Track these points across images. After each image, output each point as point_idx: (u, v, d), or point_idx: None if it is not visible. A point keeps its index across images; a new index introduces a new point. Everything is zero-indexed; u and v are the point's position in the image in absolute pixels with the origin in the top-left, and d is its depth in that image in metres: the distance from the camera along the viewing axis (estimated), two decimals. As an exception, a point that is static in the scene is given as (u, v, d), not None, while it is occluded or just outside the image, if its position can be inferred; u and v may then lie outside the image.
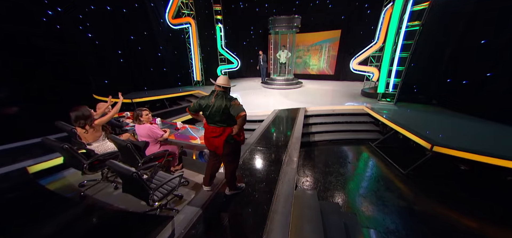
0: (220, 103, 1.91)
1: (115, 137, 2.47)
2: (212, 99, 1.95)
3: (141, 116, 2.81)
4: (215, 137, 2.00)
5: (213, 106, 1.93)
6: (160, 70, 7.92)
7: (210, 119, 1.99)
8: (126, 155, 2.40)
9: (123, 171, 1.65)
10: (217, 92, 1.97)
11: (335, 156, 4.58)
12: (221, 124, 1.97)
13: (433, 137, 3.65)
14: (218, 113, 1.92)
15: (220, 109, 1.91)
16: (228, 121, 1.97)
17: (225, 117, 1.94)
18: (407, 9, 5.15)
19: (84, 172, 2.33)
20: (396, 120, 4.58)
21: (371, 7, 8.23)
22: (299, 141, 3.78)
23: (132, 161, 2.40)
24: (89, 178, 2.81)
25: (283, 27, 8.15)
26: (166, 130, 3.25)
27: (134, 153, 2.36)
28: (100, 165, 2.50)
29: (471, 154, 3.09)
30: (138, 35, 7.04)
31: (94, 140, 2.61)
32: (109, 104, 3.21)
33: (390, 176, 3.76)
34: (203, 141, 2.24)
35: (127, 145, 2.27)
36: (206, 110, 1.99)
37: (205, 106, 1.98)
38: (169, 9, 7.20)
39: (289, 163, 3.06)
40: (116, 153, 2.59)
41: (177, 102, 7.81)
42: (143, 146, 2.62)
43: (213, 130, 2.01)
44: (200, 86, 8.99)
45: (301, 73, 10.57)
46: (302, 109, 5.68)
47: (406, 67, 5.33)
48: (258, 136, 4.09)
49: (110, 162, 1.69)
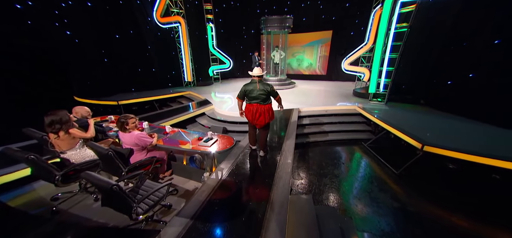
0: (264, 87, 2.76)
1: (94, 144, 2.24)
2: (257, 85, 2.76)
3: (126, 125, 2.58)
4: (261, 112, 2.83)
5: (259, 90, 2.75)
6: (149, 70, 7.62)
7: (256, 99, 2.79)
8: (108, 164, 2.20)
9: (101, 183, 1.48)
10: (258, 80, 2.78)
11: (329, 157, 4.56)
12: (265, 102, 2.82)
13: (423, 136, 3.70)
14: (263, 94, 2.75)
15: (265, 91, 2.75)
16: (268, 99, 2.85)
17: (266, 97, 2.80)
18: (395, 11, 5.25)
19: (56, 184, 2.09)
20: (387, 119, 4.64)
21: (360, 8, 8.36)
22: (293, 143, 3.71)
23: (115, 170, 2.21)
24: (65, 189, 2.49)
25: (275, 27, 8.11)
26: (154, 135, 3.07)
27: (117, 161, 2.17)
28: (76, 176, 2.25)
29: (459, 153, 3.16)
30: (124, 34, 6.73)
31: (69, 148, 2.35)
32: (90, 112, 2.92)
33: (383, 176, 3.78)
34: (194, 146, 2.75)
35: (108, 153, 2.07)
36: (251, 93, 2.78)
37: (250, 91, 2.79)
38: (157, 7, 6.92)
39: (283, 166, 2.97)
40: (96, 161, 2.37)
41: (167, 104, 7.54)
42: (127, 153, 2.43)
43: (258, 107, 2.82)
44: (191, 87, 8.75)
45: (293, 74, 10.58)
46: (296, 110, 5.64)
47: (395, 68, 5.44)
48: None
49: (86, 174, 1.51)
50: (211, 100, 6.95)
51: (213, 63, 9.51)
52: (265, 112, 2.84)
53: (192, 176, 3.33)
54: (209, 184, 2.60)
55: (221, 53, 9.23)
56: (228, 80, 10.74)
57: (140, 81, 7.42)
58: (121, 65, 6.91)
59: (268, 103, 2.86)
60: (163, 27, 7.38)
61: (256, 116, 2.86)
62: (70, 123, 2.29)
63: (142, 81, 7.48)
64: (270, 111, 2.92)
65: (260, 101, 2.80)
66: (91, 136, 2.53)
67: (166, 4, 6.95)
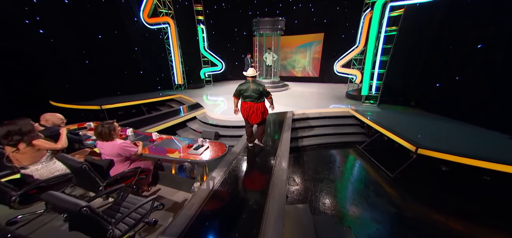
0: (256, 87, 2.98)
1: (65, 156, 1.95)
2: (250, 85, 2.98)
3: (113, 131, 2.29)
4: (255, 109, 3.07)
5: (252, 90, 2.98)
6: (136, 73, 7.26)
7: (249, 98, 3.02)
8: (83, 178, 1.95)
9: (67, 205, 1.26)
10: (252, 81, 2.98)
11: (324, 161, 4.48)
12: (258, 100, 3.05)
13: (416, 139, 3.71)
14: (256, 93, 2.98)
15: (258, 91, 2.98)
16: (261, 98, 3.05)
17: (259, 96, 3.01)
18: (385, 15, 5.32)
19: (11, 206, 1.73)
20: (380, 122, 4.63)
21: (350, 12, 8.48)
22: (288, 148, 3.58)
23: (91, 185, 1.96)
24: (26, 211, 2.05)
25: (268, 29, 8.04)
26: (139, 143, 2.83)
27: (93, 174, 1.92)
28: (39, 195, 1.89)
29: (451, 156, 3.16)
30: (108, 34, 6.34)
31: (32, 162, 2.02)
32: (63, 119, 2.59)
33: (379, 180, 3.73)
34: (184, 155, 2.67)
35: (82, 167, 1.82)
36: (245, 92, 3.02)
37: (244, 90, 3.02)
38: (143, 7, 6.62)
39: (278, 173, 2.83)
40: (67, 176, 2.09)
41: (156, 108, 7.21)
42: (107, 165, 2.18)
43: (251, 105, 3.07)
44: (182, 90, 8.45)
45: (286, 76, 10.55)
46: (290, 113, 5.54)
47: (386, 71, 5.50)
48: (245, 144, 3.82)
49: (47, 195, 1.28)
50: (203, 103, 6.72)
51: (205, 65, 9.27)
52: (258, 110, 3.10)
53: (182, 186, 3.11)
54: (200, 195, 2.40)
55: (212, 55, 9.02)
56: (220, 83, 10.52)
57: (126, 84, 7.04)
58: (104, 67, 6.48)
59: (261, 101, 3.12)
60: (151, 28, 7.07)
61: (249, 113, 3.12)
62: (34, 133, 1.96)
63: (128, 84, 7.10)
64: (263, 108, 3.16)
65: (253, 100, 3.06)
66: (62, 147, 2.22)
67: (153, 4, 6.67)
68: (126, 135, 3.21)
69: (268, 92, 3.11)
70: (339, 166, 4.38)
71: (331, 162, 4.53)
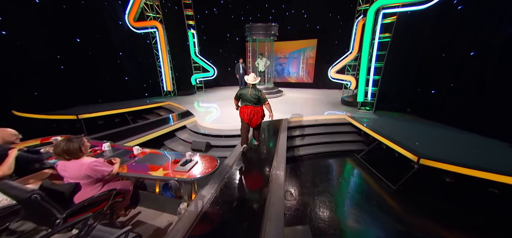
0: (255, 92, 3.15)
1: (8, 183, 1.53)
2: (249, 90, 3.17)
3: (82, 146, 1.92)
4: (255, 113, 3.26)
5: (251, 94, 3.16)
6: (121, 79, 6.80)
7: (248, 102, 3.21)
8: (33, 211, 1.56)
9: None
10: (251, 86, 3.19)
11: (322, 172, 4.24)
12: (256, 105, 3.24)
13: (417, 147, 3.55)
14: (254, 98, 3.16)
15: (256, 96, 3.16)
16: (259, 103, 3.25)
17: (257, 101, 3.20)
18: (378, 21, 5.30)
19: None
20: (378, 129, 4.48)
21: (343, 18, 8.54)
22: (284, 159, 3.32)
23: (44, 218, 1.57)
24: None
25: (261, 35, 7.90)
26: (116, 160, 2.45)
27: (48, 205, 1.54)
28: None
29: (456, 167, 2.99)
30: (88, 38, 5.88)
31: None
32: (17, 134, 2.14)
33: (381, 192, 3.51)
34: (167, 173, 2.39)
35: (31, 197, 1.44)
36: (245, 96, 3.20)
37: (244, 94, 3.21)
38: (129, 10, 6.25)
39: (275, 189, 2.55)
40: (12, 207, 1.68)
41: (143, 117, 6.75)
42: (70, 190, 1.80)
43: (252, 108, 3.24)
44: (171, 97, 8.04)
45: (280, 82, 10.40)
46: (285, 120, 5.30)
47: (381, 77, 5.44)
48: (238, 155, 3.52)
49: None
50: (194, 111, 6.36)
51: (196, 71, 8.95)
52: (258, 114, 3.33)
53: (166, 207, 2.74)
54: (187, 218, 2.07)
55: (204, 60, 8.73)
56: (213, 89, 10.19)
57: (108, 91, 6.54)
58: (83, 73, 5.96)
59: (260, 105, 3.33)
60: (138, 32, 6.70)
61: (250, 116, 3.31)
62: None
63: (111, 91, 6.61)
64: (262, 112, 3.41)
65: (253, 104, 3.26)
66: (4, 174, 1.79)
67: (140, 7, 6.32)
68: (102, 151, 2.81)
69: (265, 98, 3.30)
70: (338, 177, 4.15)
71: (329, 172, 4.30)
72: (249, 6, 9.61)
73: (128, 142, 4.25)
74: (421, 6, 4.69)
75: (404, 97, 5.78)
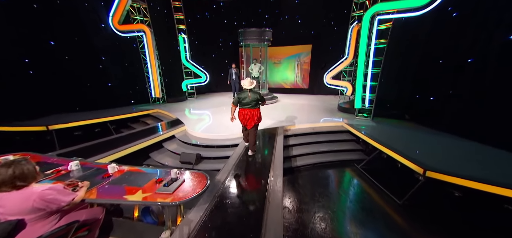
0: (254, 95, 3.36)
1: None
2: (249, 94, 3.34)
3: (22, 178, 1.51)
4: (251, 115, 3.41)
5: (251, 98, 3.34)
6: (103, 85, 6.29)
7: (247, 105, 3.36)
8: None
9: None
10: (249, 90, 3.35)
11: (321, 184, 3.97)
12: (254, 107, 3.41)
13: (421, 157, 3.35)
14: (253, 101, 3.35)
15: (255, 98, 3.36)
16: (257, 105, 3.44)
17: (255, 103, 3.39)
18: (373, 27, 5.22)
19: None
20: (378, 138, 4.29)
21: (337, 24, 8.51)
22: (282, 172, 3.04)
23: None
24: None
25: (254, 40, 7.70)
26: (83, 184, 2.05)
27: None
28: None
29: (466, 181, 2.78)
30: (64, 41, 5.38)
31: None
32: None
33: (386, 207, 3.26)
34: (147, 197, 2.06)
35: None
36: (244, 100, 3.35)
37: (243, 98, 3.35)
38: (113, 12, 5.84)
39: (273, 209, 2.26)
40: None
41: (128, 126, 6.26)
42: (5, 231, 1.39)
43: (248, 111, 3.39)
44: (160, 104, 7.59)
45: (275, 87, 10.19)
46: (281, 128, 5.03)
47: (378, 83, 5.32)
48: (231, 168, 3.21)
49: None
50: (184, 119, 5.97)
51: (187, 77, 8.57)
52: (254, 115, 3.46)
53: (146, 236, 2.35)
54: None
55: (195, 66, 8.38)
56: (205, 95, 9.82)
57: (89, 98, 6.02)
58: (58, 79, 5.40)
59: (257, 108, 3.49)
60: (123, 36, 6.27)
61: (246, 118, 3.45)
62: None
63: (92, 99, 6.09)
64: (258, 114, 3.52)
65: (250, 107, 3.41)
66: None
67: (125, 10, 5.92)
68: (68, 171, 2.38)
69: (264, 98, 3.54)
70: (338, 190, 3.88)
71: (329, 185, 4.03)
72: (242, 11, 9.44)
73: (109, 156, 3.81)
74: (416, 12, 4.63)
75: (402, 104, 5.67)
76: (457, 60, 4.35)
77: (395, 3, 4.78)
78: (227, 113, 6.85)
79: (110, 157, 3.75)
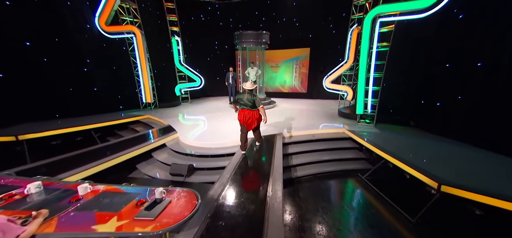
0: (250, 97, 3.53)
1: None
2: (246, 95, 3.53)
3: None
4: (251, 116, 3.59)
5: (247, 99, 3.53)
6: (88, 90, 5.84)
7: (245, 105, 3.56)
8: None
9: None
10: (247, 91, 3.55)
11: (324, 198, 3.66)
12: (251, 109, 3.57)
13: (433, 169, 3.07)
14: (250, 103, 3.53)
15: (251, 100, 3.53)
16: (254, 107, 3.58)
17: (252, 105, 3.55)
18: (375, 30, 5.02)
19: None
20: (382, 146, 4.02)
21: (336, 27, 8.34)
22: (281, 185, 2.71)
23: None
24: None
25: (251, 43, 7.43)
26: (40, 212, 1.66)
27: None
28: None
29: (489, 198, 2.49)
30: (42, 42, 4.94)
31: None
32: None
33: (398, 225, 2.96)
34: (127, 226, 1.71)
35: None
36: (242, 101, 3.57)
37: (241, 99, 3.58)
38: (100, 12, 5.45)
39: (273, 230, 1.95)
40: None
41: (115, 133, 5.83)
42: None
43: (248, 112, 3.58)
44: (151, 109, 7.18)
45: (273, 92, 9.90)
46: (279, 136, 4.71)
47: (380, 88, 5.09)
48: (227, 180, 2.88)
49: None
50: (177, 125, 5.59)
51: (181, 81, 8.21)
52: (253, 117, 3.58)
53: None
54: None
55: (190, 69, 8.03)
56: (199, 100, 9.45)
57: (71, 104, 5.56)
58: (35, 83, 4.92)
59: (255, 110, 3.57)
60: (111, 38, 5.88)
61: (246, 119, 3.57)
62: None
63: (75, 104, 5.64)
64: (257, 115, 3.63)
65: (248, 108, 3.53)
66: None
67: (113, 10, 5.54)
68: (24, 195, 1.97)
69: (259, 103, 3.55)
70: (343, 204, 3.56)
71: (332, 199, 3.71)
72: (239, 13, 9.19)
73: (88, 170, 3.40)
74: (419, 14, 4.43)
75: (406, 110, 5.43)
76: (466, 64, 4.13)
77: (398, 5, 4.58)
78: (223, 119, 6.58)
79: (89, 171, 3.34)
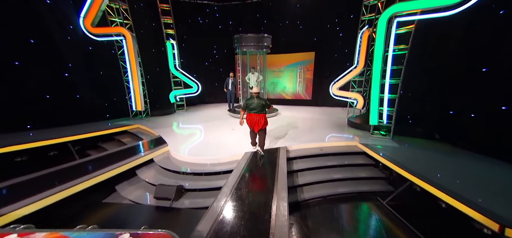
0: (260, 101, 3.72)
1: None
2: (255, 100, 3.70)
3: None
4: (258, 119, 3.72)
5: (257, 103, 3.69)
6: (69, 97, 5.26)
7: (254, 110, 3.69)
8: None
9: None
10: (256, 96, 3.75)
11: (338, 229, 3.04)
12: (261, 112, 3.73)
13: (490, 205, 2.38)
14: (259, 107, 3.70)
15: (261, 104, 3.71)
16: (263, 110, 3.76)
17: (261, 108, 3.73)
18: (391, 31, 4.44)
19: None
20: (406, 165, 3.37)
21: (343, 30, 7.81)
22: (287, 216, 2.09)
23: None
24: None
25: (252, 47, 6.92)
26: None
27: None
28: None
29: None
30: (14, 43, 4.44)
31: None
32: None
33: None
34: None
35: None
36: (251, 105, 3.71)
37: (250, 103, 3.72)
38: (85, 12, 4.93)
39: None
40: None
41: (99, 146, 5.22)
42: None
43: (255, 116, 3.71)
44: (142, 118, 6.60)
45: (275, 98, 9.28)
46: (283, 150, 4.09)
47: (398, 96, 4.47)
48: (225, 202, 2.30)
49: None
50: (169, 136, 5.00)
51: (177, 87, 7.67)
52: (261, 120, 3.72)
53: None
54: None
55: (186, 75, 7.50)
56: (196, 107, 8.88)
57: (48, 113, 4.97)
58: (4, 90, 4.38)
59: (263, 112, 3.74)
60: (98, 40, 5.36)
61: (254, 122, 3.72)
62: None
63: (53, 114, 5.05)
64: (264, 119, 3.76)
65: (257, 111, 3.68)
66: None
67: (100, 10, 5.01)
68: None
69: (269, 104, 3.76)
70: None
71: (347, 230, 3.04)
72: (239, 16, 8.73)
73: (51, 196, 2.79)
74: (445, 12, 3.84)
75: (429, 120, 4.75)
76: (509, 67, 3.48)
77: (419, 2, 4.01)
78: (220, 129, 5.98)
79: (52, 197, 2.73)
